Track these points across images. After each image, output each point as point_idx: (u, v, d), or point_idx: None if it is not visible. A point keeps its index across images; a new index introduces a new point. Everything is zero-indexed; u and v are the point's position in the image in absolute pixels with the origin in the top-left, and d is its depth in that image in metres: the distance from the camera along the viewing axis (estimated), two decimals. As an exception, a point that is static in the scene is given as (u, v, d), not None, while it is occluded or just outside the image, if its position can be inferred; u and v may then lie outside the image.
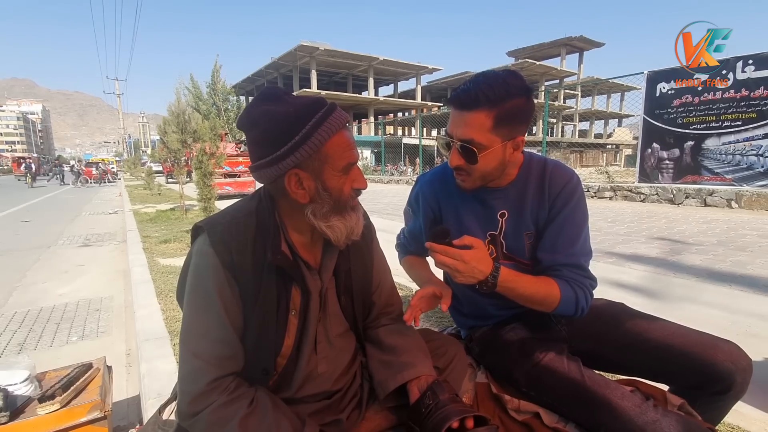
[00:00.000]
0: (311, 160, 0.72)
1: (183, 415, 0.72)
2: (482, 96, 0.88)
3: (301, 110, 0.72)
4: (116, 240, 5.74)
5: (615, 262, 3.56)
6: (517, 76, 0.92)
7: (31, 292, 3.46)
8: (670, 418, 0.79)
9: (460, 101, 0.91)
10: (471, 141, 0.91)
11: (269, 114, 0.72)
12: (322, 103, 0.74)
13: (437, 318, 2.31)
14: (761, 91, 6.74)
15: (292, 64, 32.93)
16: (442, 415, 0.72)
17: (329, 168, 0.74)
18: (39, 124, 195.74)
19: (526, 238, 1.04)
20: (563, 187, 1.00)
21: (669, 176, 7.94)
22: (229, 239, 0.74)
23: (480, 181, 0.99)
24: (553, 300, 0.94)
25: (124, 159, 29.67)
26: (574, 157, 28.43)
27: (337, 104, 0.76)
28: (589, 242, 1.03)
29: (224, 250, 0.73)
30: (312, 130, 0.71)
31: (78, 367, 1.25)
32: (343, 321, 0.89)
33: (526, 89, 0.91)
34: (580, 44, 39.89)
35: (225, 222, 0.76)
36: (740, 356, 0.87)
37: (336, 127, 0.73)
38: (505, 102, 0.88)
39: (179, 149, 6.51)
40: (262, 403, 0.73)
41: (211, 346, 0.72)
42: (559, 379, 0.92)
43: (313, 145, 0.71)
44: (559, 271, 0.98)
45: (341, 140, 0.74)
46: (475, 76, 0.93)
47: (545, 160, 1.06)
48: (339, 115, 0.74)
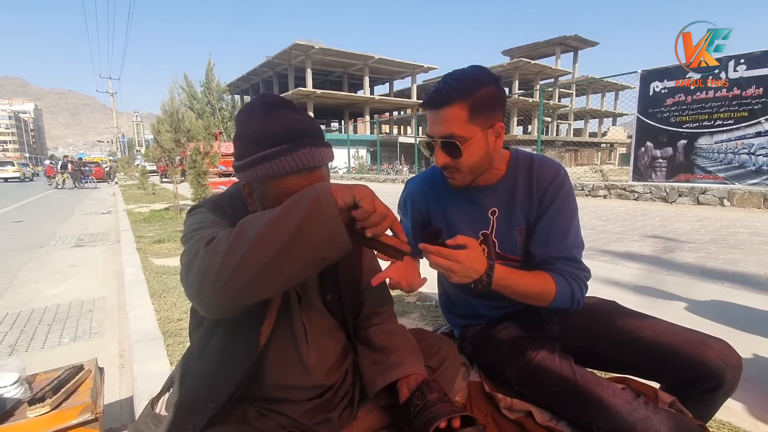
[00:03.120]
0: (255, 184, 0.74)
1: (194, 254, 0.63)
2: (453, 91, 0.90)
3: (260, 135, 0.70)
4: (109, 240, 5.69)
5: (609, 260, 3.58)
6: (483, 68, 0.95)
7: (23, 293, 3.42)
8: (660, 414, 0.80)
9: (434, 101, 0.93)
10: (452, 135, 0.92)
11: (243, 123, 0.74)
12: (289, 136, 0.69)
13: (431, 317, 2.32)
14: (753, 90, 6.80)
15: (288, 62, 32.82)
16: (430, 415, 0.72)
17: (268, 202, 0.73)
18: (31, 124, 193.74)
19: (518, 235, 1.05)
20: (551, 181, 1.02)
21: (662, 175, 8.00)
22: (222, 204, 0.81)
23: (470, 175, 1.00)
24: (549, 294, 0.95)
25: (118, 158, 29.38)
26: (568, 156, 28.55)
27: (313, 143, 0.69)
28: (580, 234, 1.04)
29: (219, 211, 0.79)
30: (255, 162, 0.70)
31: (69, 369, 1.24)
32: (329, 317, 0.89)
33: (494, 78, 0.94)
34: (574, 43, 40.05)
35: (219, 196, 0.85)
36: (730, 354, 0.88)
37: (278, 172, 0.68)
38: (476, 91, 0.90)
39: (173, 148, 6.47)
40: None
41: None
42: (551, 377, 0.92)
43: (253, 175, 0.71)
44: (552, 265, 0.99)
45: (284, 185, 0.69)
46: (443, 77, 0.95)
47: (531, 155, 1.07)
48: (292, 160, 0.67)
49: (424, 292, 2.71)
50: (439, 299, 1.32)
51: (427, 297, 2.65)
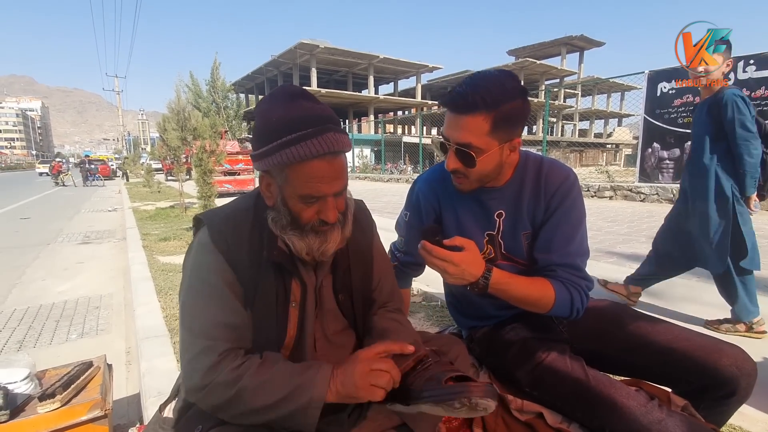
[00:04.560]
0: (277, 171, 0.73)
1: (194, 389, 0.71)
2: (480, 100, 0.87)
3: (285, 121, 0.70)
4: (116, 237, 5.73)
5: (615, 262, 3.56)
6: (513, 77, 0.91)
7: (31, 290, 3.45)
8: (674, 418, 0.79)
9: (457, 105, 0.90)
10: (469, 145, 0.90)
11: (262, 114, 0.73)
12: (312, 122, 0.70)
13: (437, 318, 2.31)
14: (762, 91, 6.74)
15: (293, 61, 32.86)
16: (443, 370, 0.72)
17: (290, 189, 0.72)
18: (38, 121, 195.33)
19: (524, 239, 1.04)
20: (559, 186, 0.99)
21: (669, 176, 7.93)
22: (227, 233, 0.76)
23: (477, 183, 0.99)
24: (548, 301, 0.94)
25: (124, 156, 29.54)
26: (573, 157, 28.42)
27: (336, 129, 0.71)
28: (585, 242, 1.01)
29: (222, 243, 0.75)
30: (279, 147, 0.69)
31: (78, 365, 1.25)
32: (342, 318, 0.89)
33: (522, 91, 0.91)
34: (580, 43, 39.85)
35: (223, 216, 0.79)
36: (745, 361, 0.86)
37: (304, 155, 0.68)
38: (503, 105, 0.87)
39: (179, 147, 6.49)
40: (273, 355, 0.75)
41: (219, 328, 0.72)
42: (562, 378, 0.91)
43: (276, 161, 0.70)
44: (554, 272, 0.97)
45: (308, 170, 0.70)
46: (470, 77, 0.91)
47: (542, 158, 1.05)
48: (318, 144, 0.68)
49: (429, 292, 2.71)
50: (446, 299, 1.31)
51: (432, 297, 2.65)
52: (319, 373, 0.69)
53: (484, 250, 1.08)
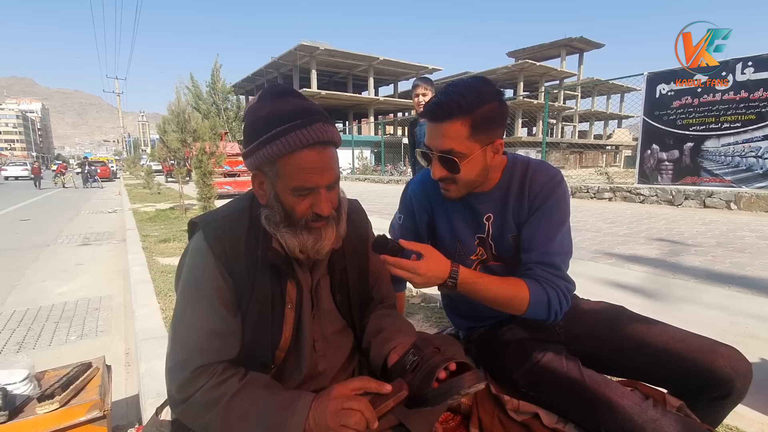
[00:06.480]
0: (268, 167, 0.72)
1: (174, 402, 0.73)
2: (455, 106, 0.89)
3: (274, 115, 0.70)
4: (115, 239, 5.73)
5: (614, 263, 3.57)
6: (487, 82, 0.93)
7: (30, 291, 3.46)
8: (669, 417, 0.79)
9: (435, 113, 0.92)
10: (451, 151, 0.92)
11: (252, 112, 0.74)
12: (301, 114, 0.70)
13: (435, 319, 2.32)
14: (760, 93, 6.75)
15: (293, 63, 32.93)
16: (431, 365, 0.72)
17: (281, 183, 0.72)
18: (38, 123, 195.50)
19: (512, 240, 1.04)
20: (543, 187, 1.00)
21: (668, 177, 7.95)
22: (223, 235, 0.76)
23: (465, 189, 1.00)
24: (521, 301, 0.92)
25: (124, 158, 29.57)
26: (573, 158, 28.45)
27: (325, 120, 0.72)
28: (568, 243, 1.01)
29: (218, 246, 0.74)
30: (268, 140, 0.69)
31: (77, 366, 1.25)
32: (340, 318, 0.89)
33: (497, 93, 0.93)
34: (580, 45, 39.91)
35: (219, 218, 0.78)
36: (740, 361, 0.86)
37: (293, 145, 0.68)
38: (479, 108, 0.89)
39: (179, 148, 6.51)
40: (253, 381, 0.73)
41: (200, 338, 0.73)
42: (558, 379, 0.91)
43: (267, 154, 0.70)
44: (530, 270, 0.96)
45: (298, 160, 0.69)
46: (445, 87, 0.93)
47: (529, 161, 1.06)
48: (306, 134, 0.69)
49: (428, 294, 2.71)
50: (443, 301, 1.31)
51: (431, 298, 2.65)
52: (294, 415, 0.67)
53: (476, 252, 1.08)
